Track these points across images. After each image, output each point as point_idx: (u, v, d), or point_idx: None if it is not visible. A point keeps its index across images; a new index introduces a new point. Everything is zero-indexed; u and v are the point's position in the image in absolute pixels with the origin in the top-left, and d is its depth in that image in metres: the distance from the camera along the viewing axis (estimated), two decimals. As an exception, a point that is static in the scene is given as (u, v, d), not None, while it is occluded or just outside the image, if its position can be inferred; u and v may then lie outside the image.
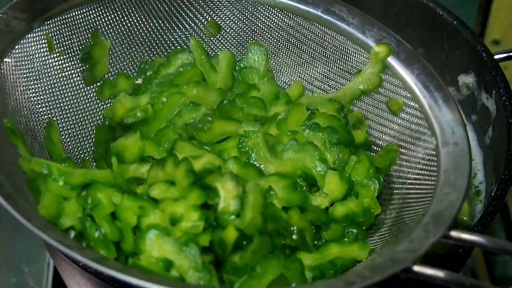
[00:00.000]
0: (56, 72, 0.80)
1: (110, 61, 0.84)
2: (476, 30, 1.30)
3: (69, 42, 0.81)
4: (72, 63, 0.82)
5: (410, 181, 0.79)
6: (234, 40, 0.87)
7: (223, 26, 0.87)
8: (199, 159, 0.75)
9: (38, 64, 0.79)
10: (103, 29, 0.83)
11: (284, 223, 0.74)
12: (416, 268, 0.63)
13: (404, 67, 0.81)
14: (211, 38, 0.87)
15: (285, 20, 0.85)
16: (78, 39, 0.82)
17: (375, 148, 0.84)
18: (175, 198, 0.72)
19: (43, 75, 0.79)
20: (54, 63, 0.80)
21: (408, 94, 0.81)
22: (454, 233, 0.66)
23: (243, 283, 0.70)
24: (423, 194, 0.75)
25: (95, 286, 0.79)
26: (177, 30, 0.87)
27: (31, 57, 0.78)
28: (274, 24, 0.86)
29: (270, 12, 0.86)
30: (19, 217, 0.64)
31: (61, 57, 0.81)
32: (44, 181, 0.71)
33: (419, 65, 0.81)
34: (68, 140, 0.81)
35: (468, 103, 1.01)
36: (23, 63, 0.77)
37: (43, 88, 0.79)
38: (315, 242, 0.76)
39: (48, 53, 0.80)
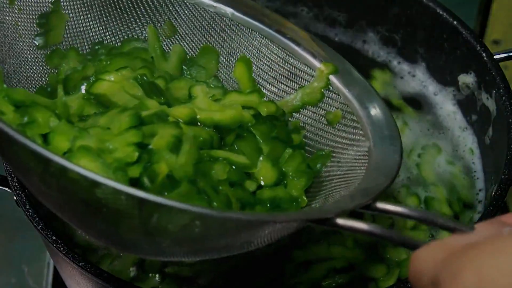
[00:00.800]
0: (11, 26, 0.82)
1: (65, 35, 0.85)
2: (476, 30, 1.30)
3: (30, 3, 0.83)
4: (28, 22, 0.83)
5: (338, 177, 0.80)
6: (187, 45, 0.88)
7: (179, 31, 0.88)
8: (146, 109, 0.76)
9: None
10: (65, 2, 0.84)
11: (214, 183, 0.74)
12: (339, 220, 0.65)
13: (342, 81, 0.84)
14: (166, 39, 0.88)
15: (239, 33, 0.87)
16: (38, 4, 0.83)
17: (308, 156, 0.84)
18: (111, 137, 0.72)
19: None
20: (11, 16, 0.81)
21: (345, 107, 0.83)
22: (379, 204, 0.68)
23: None
24: (350, 183, 0.77)
25: (96, 286, 0.79)
26: (134, 25, 0.87)
27: None
28: (228, 36, 0.88)
29: (226, 25, 0.87)
30: None
31: (19, 14, 0.82)
32: None
33: (355, 78, 0.84)
34: None
35: (468, 103, 1.01)
36: None
37: None
38: None
39: (8, 5, 0.81)
